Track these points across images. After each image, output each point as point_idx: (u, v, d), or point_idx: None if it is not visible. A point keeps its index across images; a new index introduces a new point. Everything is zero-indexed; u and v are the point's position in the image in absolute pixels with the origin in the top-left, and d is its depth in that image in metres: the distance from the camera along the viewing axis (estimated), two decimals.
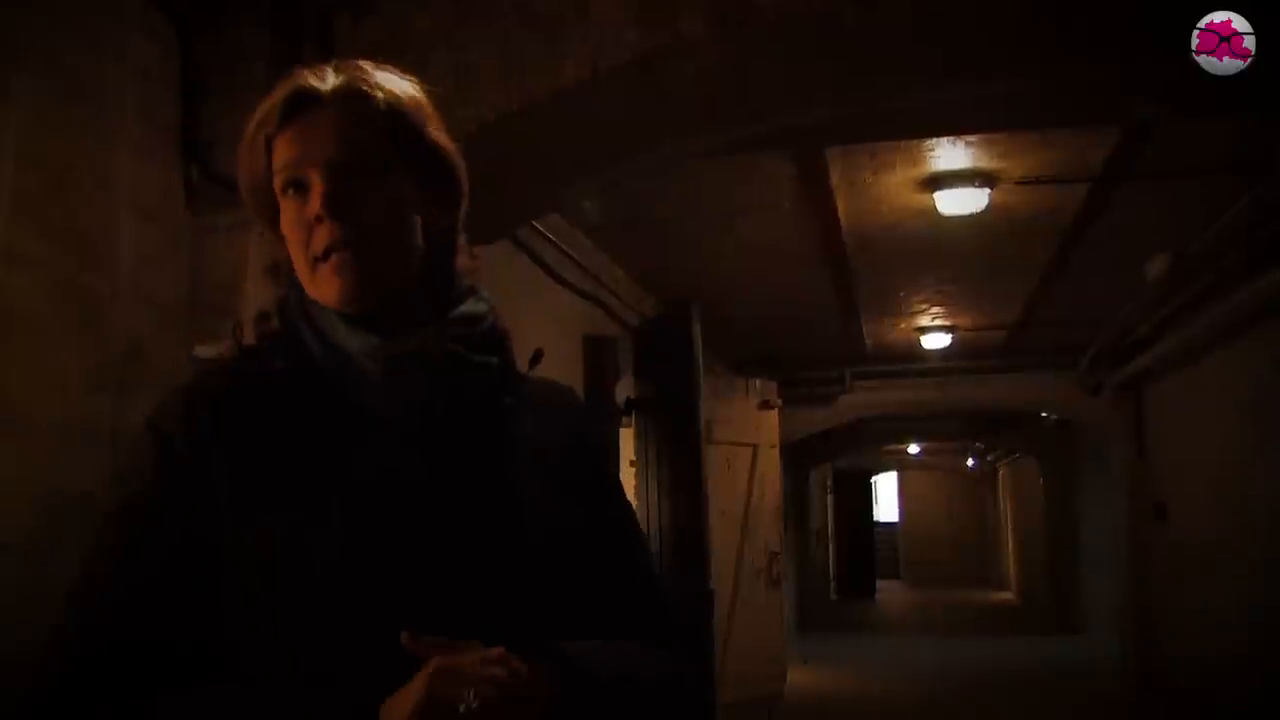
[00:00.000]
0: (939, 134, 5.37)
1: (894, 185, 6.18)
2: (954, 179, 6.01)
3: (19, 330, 2.48)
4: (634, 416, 7.23)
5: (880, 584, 24.94)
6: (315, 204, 1.23)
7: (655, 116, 3.45)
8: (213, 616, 1.19)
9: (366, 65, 1.31)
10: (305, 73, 1.29)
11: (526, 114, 3.15)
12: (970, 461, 25.68)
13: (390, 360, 1.24)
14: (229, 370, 1.29)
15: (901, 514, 29.61)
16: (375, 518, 1.20)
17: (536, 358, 1.41)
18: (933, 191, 6.14)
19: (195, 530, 1.20)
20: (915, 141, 5.51)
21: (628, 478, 7.13)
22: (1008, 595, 23.47)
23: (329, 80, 1.28)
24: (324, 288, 1.24)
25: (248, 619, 1.19)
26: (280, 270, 1.33)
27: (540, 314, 5.65)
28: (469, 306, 1.32)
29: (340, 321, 1.26)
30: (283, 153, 1.26)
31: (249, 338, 1.31)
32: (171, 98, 3.05)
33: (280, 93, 1.27)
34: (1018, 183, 6.06)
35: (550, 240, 5.74)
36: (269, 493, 1.20)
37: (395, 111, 1.28)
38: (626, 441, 7.30)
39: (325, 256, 1.23)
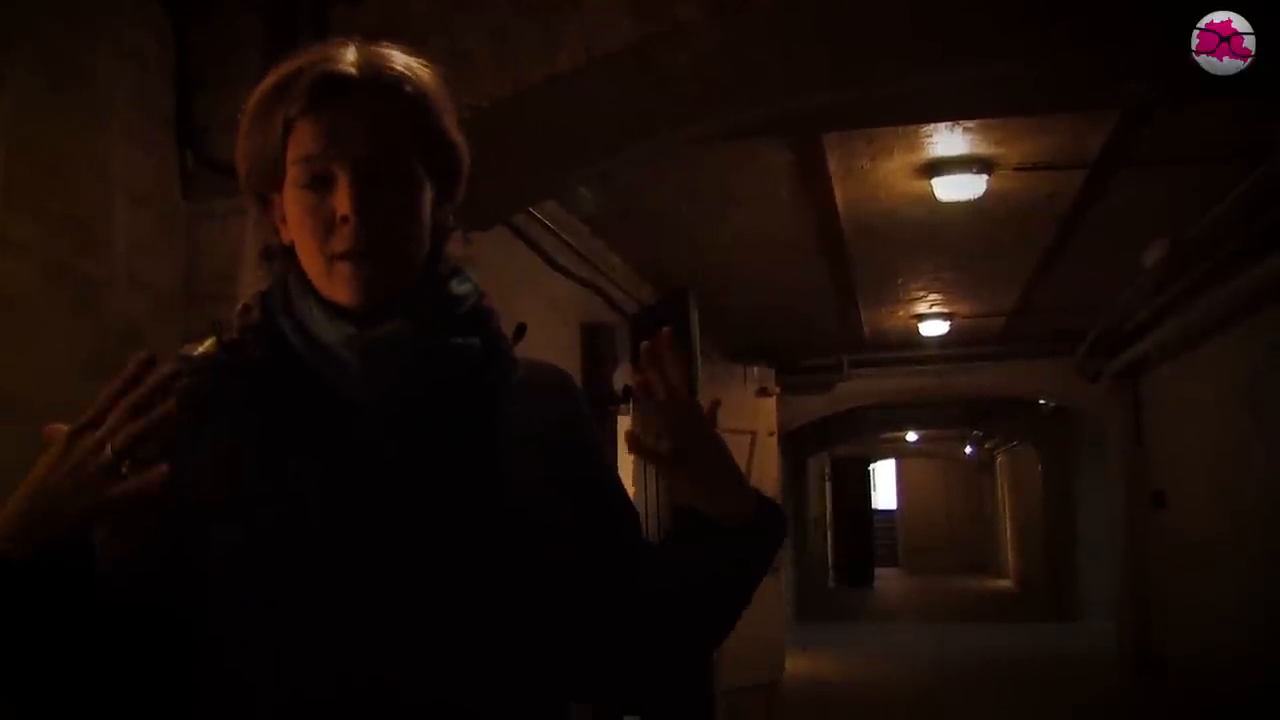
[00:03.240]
0: (937, 120, 5.36)
1: (891, 172, 6.17)
2: (952, 165, 6.01)
3: (14, 316, 2.48)
4: (631, 404, 7.22)
5: (878, 572, 24.96)
6: (344, 204, 1.19)
7: (651, 103, 3.45)
8: (182, 624, 1.19)
9: (389, 48, 1.26)
10: (331, 53, 1.23)
11: (522, 101, 3.15)
12: (968, 449, 25.69)
13: (367, 349, 1.22)
14: (210, 365, 1.27)
15: (900, 502, 29.64)
16: (356, 504, 1.19)
17: (519, 332, 1.38)
18: (930, 178, 6.14)
19: (164, 538, 1.19)
20: (913, 128, 5.51)
21: (625, 465, 7.13)
22: (1005, 583, 23.50)
23: (355, 64, 1.22)
24: (339, 287, 1.22)
25: (225, 617, 1.18)
26: (274, 254, 1.31)
27: (537, 301, 5.64)
28: (451, 288, 1.30)
29: (320, 312, 1.24)
30: (307, 142, 1.21)
31: (231, 331, 1.29)
32: (166, 85, 3.04)
33: (309, 72, 1.21)
34: (1015, 169, 6.06)
35: (547, 228, 5.73)
36: (248, 479, 1.19)
37: (421, 105, 1.25)
38: (624, 429, 7.30)
39: (345, 257, 1.21)
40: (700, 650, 1.44)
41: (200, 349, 1.28)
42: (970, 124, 5.45)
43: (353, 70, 1.22)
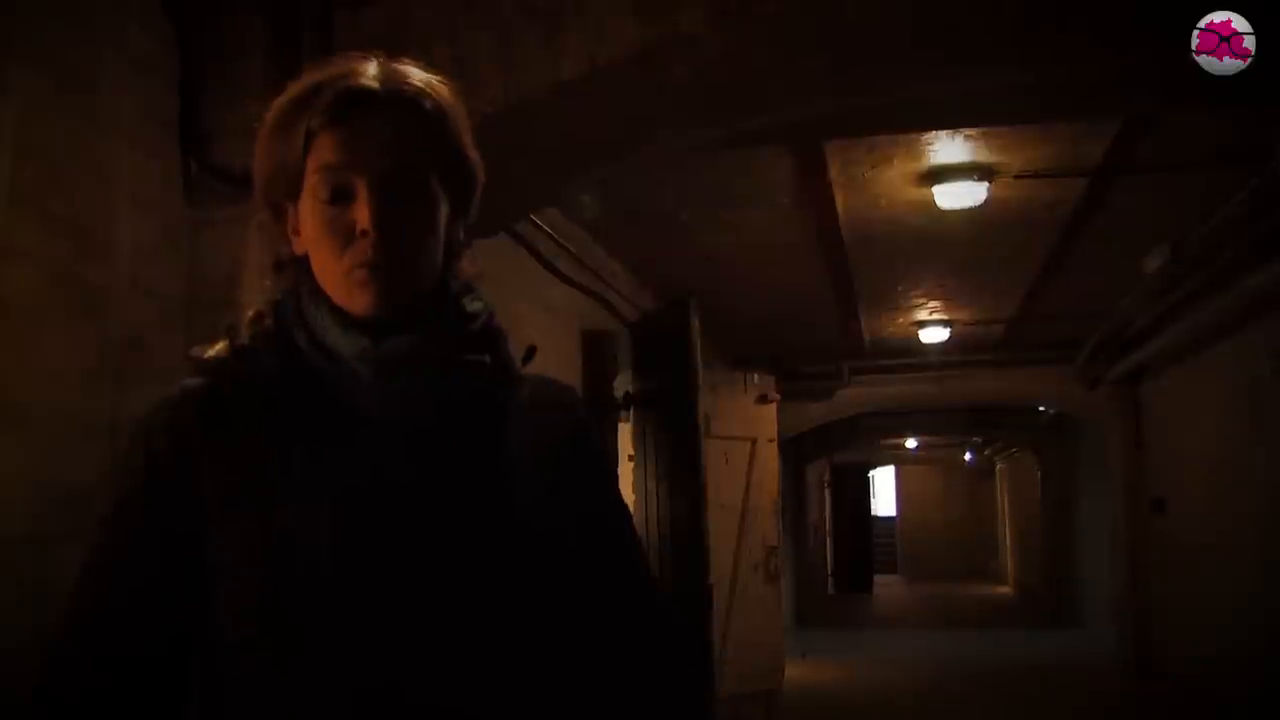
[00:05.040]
0: (938, 128, 5.37)
1: (892, 179, 6.18)
2: (952, 173, 6.02)
3: (17, 322, 2.47)
4: (632, 411, 7.22)
5: (878, 578, 24.96)
6: (364, 217, 1.20)
7: (654, 111, 3.45)
8: (194, 625, 1.21)
9: (408, 64, 1.27)
10: (352, 67, 1.24)
11: (525, 108, 3.15)
12: (968, 456, 25.70)
13: (382, 363, 1.22)
14: (220, 372, 1.27)
15: (899, 508, 29.64)
16: (365, 518, 1.19)
17: (529, 355, 1.39)
18: (931, 185, 6.15)
19: (177, 540, 1.20)
20: (914, 135, 5.51)
21: (626, 472, 7.13)
22: (1005, 589, 23.50)
23: (377, 79, 1.23)
24: (354, 296, 1.22)
25: (235, 624, 1.19)
26: (285, 265, 1.31)
27: (538, 309, 5.64)
28: (464, 305, 1.30)
29: (334, 323, 1.24)
30: (328, 153, 1.22)
31: (243, 338, 1.29)
32: (170, 90, 3.04)
33: (331, 86, 1.22)
34: (1016, 176, 6.07)
35: (548, 234, 5.74)
36: (258, 496, 1.20)
37: (440, 121, 1.26)
38: (625, 436, 7.30)
39: (362, 268, 1.21)
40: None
41: (211, 352, 1.28)
42: (971, 132, 5.45)
43: (375, 84, 1.23)
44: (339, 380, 1.24)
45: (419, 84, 1.26)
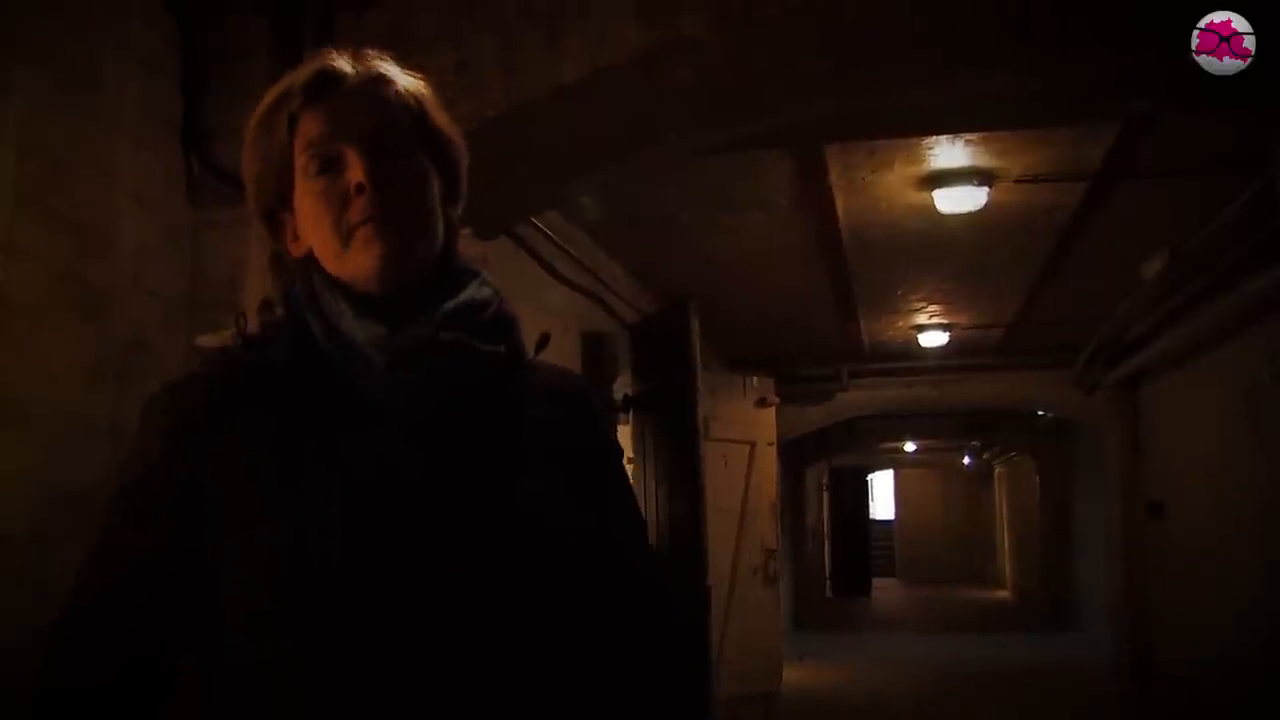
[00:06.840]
0: (938, 132, 5.37)
1: (893, 183, 6.18)
2: (952, 177, 6.02)
3: (19, 320, 2.47)
4: (631, 413, 7.22)
5: (876, 582, 24.95)
6: (357, 174, 1.22)
7: (655, 114, 3.46)
8: (200, 611, 1.19)
9: (376, 56, 1.31)
10: (323, 54, 1.28)
11: (527, 111, 3.15)
12: (966, 460, 25.69)
13: (395, 351, 1.21)
14: (230, 359, 1.26)
15: (897, 512, 29.63)
16: (377, 510, 1.18)
17: (543, 343, 1.39)
18: (931, 190, 6.15)
19: (185, 524, 1.19)
20: (914, 139, 5.52)
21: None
22: (1003, 593, 23.48)
23: (349, 63, 1.28)
24: (359, 258, 1.23)
25: (243, 617, 1.18)
26: (283, 260, 1.31)
27: (538, 311, 5.64)
28: (473, 292, 1.30)
29: (347, 309, 1.23)
30: (312, 129, 1.24)
31: (252, 326, 1.28)
32: (173, 89, 3.05)
33: (305, 72, 1.26)
34: (1016, 181, 6.07)
35: (549, 237, 5.74)
36: (268, 484, 1.18)
37: (414, 99, 1.29)
38: (624, 439, 7.30)
39: (365, 224, 1.22)
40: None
41: (216, 340, 1.28)
42: (971, 136, 5.46)
43: (348, 66, 1.27)
44: (351, 367, 1.23)
45: (390, 68, 1.30)
